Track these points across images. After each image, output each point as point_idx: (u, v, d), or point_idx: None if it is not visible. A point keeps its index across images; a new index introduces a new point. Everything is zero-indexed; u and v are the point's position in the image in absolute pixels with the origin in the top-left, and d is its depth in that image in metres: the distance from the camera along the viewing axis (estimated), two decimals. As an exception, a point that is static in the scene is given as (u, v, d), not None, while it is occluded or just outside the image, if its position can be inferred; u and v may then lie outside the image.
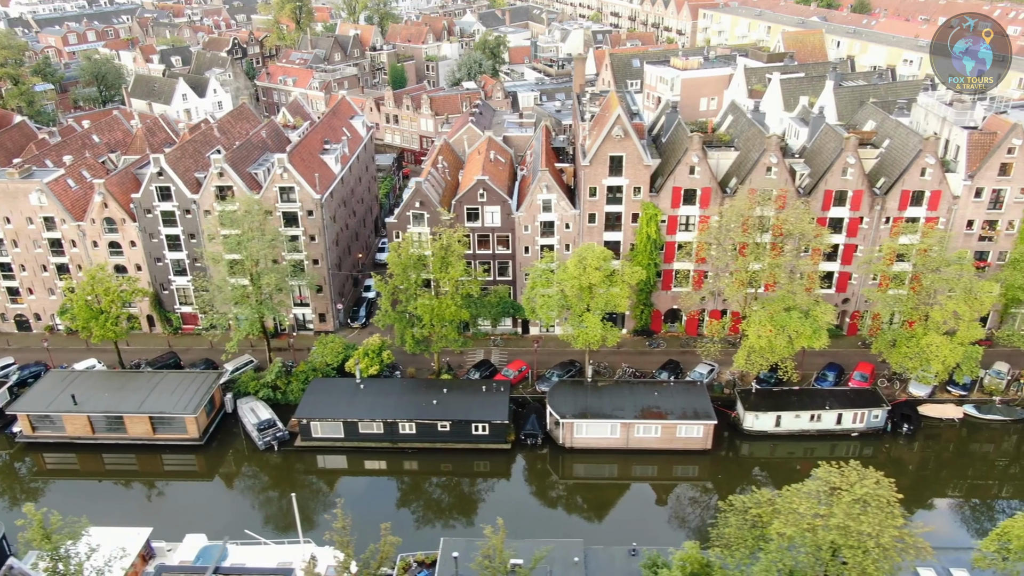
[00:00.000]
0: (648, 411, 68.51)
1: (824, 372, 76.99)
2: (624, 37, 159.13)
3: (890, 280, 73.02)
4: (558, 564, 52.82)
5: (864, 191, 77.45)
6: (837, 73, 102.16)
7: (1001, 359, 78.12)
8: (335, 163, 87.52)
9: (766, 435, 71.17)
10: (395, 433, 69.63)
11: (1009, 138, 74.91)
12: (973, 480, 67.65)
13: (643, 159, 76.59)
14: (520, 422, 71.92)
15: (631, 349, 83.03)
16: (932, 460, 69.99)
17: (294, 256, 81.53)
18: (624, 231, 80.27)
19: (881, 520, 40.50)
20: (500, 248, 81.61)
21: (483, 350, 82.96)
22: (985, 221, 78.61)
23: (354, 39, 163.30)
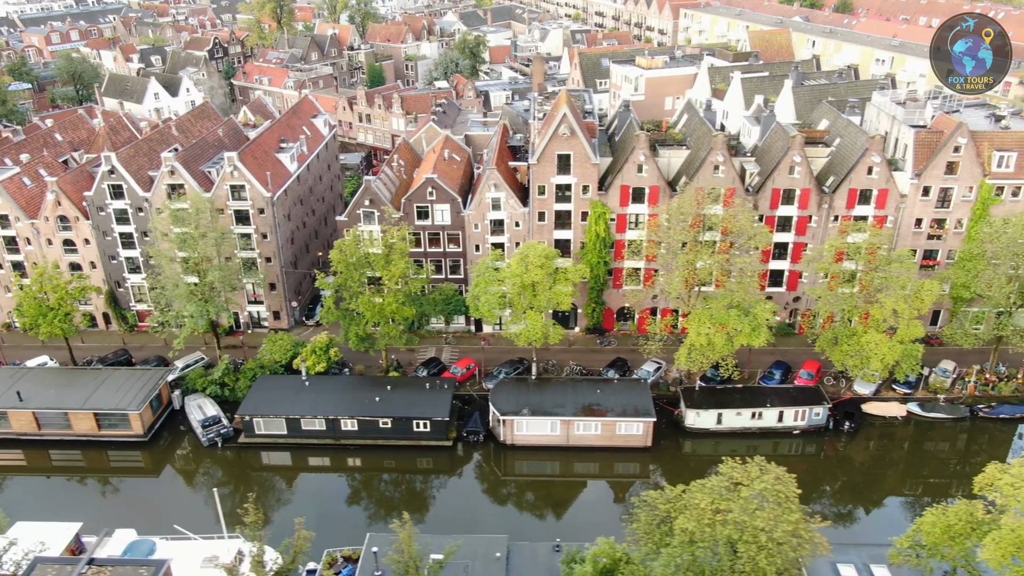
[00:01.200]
0: (588, 409, 68.77)
1: (771, 370, 77.22)
2: (600, 37, 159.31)
3: (839, 278, 73.15)
4: (480, 559, 53.13)
5: (812, 190, 77.64)
6: (799, 72, 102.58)
7: (951, 357, 78.29)
8: (291, 161, 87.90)
9: (708, 432, 71.41)
10: (337, 430, 69.97)
11: (955, 137, 75.05)
12: (907, 477, 67.90)
13: (590, 157, 76.86)
14: (465, 419, 72.23)
15: (583, 347, 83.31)
16: (870, 457, 70.17)
17: (246, 254, 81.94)
18: (574, 229, 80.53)
19: (777, 515, 40.77)
20: (451, 246, 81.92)
21: (435, 348, 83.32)
22: (933, 220, 78.74)
23: (331, 38, 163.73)
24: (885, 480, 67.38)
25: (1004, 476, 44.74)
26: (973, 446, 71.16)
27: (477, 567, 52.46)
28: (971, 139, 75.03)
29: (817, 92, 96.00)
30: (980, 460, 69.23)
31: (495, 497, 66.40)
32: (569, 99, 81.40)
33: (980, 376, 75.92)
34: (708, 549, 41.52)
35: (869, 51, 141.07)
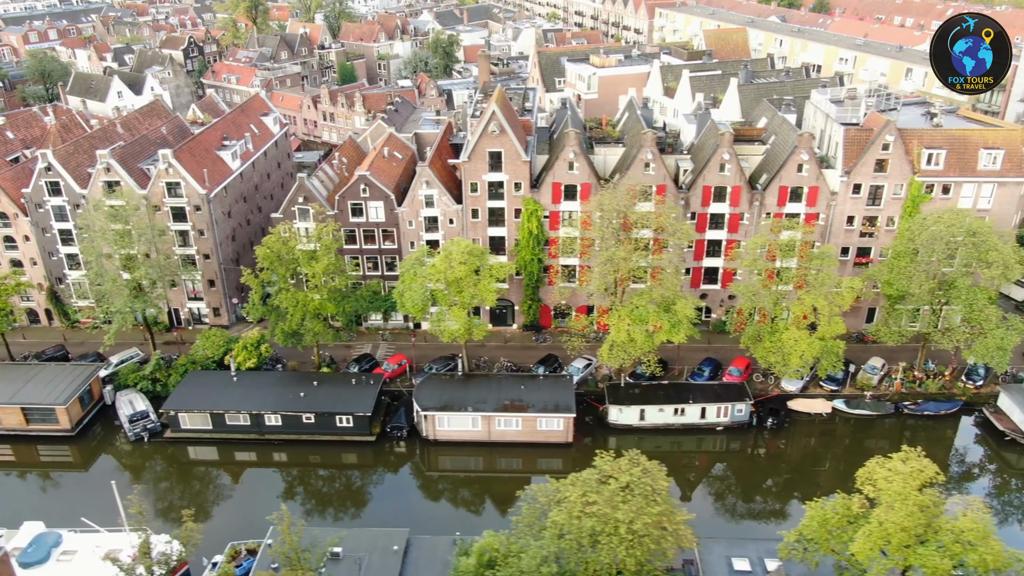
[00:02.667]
0: (509, 405, 69.09)
1: (701, 367, 77.47)
2: (569, 36, 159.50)
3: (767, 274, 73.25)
4: (378, 552, 53.54)
5: (742, 187, 77.87)
6: (748, 71, 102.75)
7: (882, 354, 78.43)
8: (233, 159, 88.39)
9: (631, 429, 71.67)
10: (262, 425, 70.43)
11: (883, 134, 75.22)
12: (820, 473, 68.10)
13: (521, 155, 77.20)
14: (391, 415, 72.65)
15: (519, 344, 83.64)
16: (788, 454, 70.42)
17: (184, 251, 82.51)
18: (508, 226, 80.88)
19: (640, 507, 41.09)
20: (387, 243, 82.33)
21: (371, 344, 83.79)
22: (865, 217, 78.92)
23: (301, 38, 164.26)
24: (798, 475, 67.61)
25: (879, 470, 45.02)
26: (893, 443, 71.13)
27: (374, 559, 52.85)
28: (899, 137, 75.20)
29: (763, 90, 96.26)
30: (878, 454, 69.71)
31: (411, 492, 66.76)
32: (503, 97, 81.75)
33: (908, 373, 76.05)
34: (575, 541, 41.86)
35: (833, 50, 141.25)
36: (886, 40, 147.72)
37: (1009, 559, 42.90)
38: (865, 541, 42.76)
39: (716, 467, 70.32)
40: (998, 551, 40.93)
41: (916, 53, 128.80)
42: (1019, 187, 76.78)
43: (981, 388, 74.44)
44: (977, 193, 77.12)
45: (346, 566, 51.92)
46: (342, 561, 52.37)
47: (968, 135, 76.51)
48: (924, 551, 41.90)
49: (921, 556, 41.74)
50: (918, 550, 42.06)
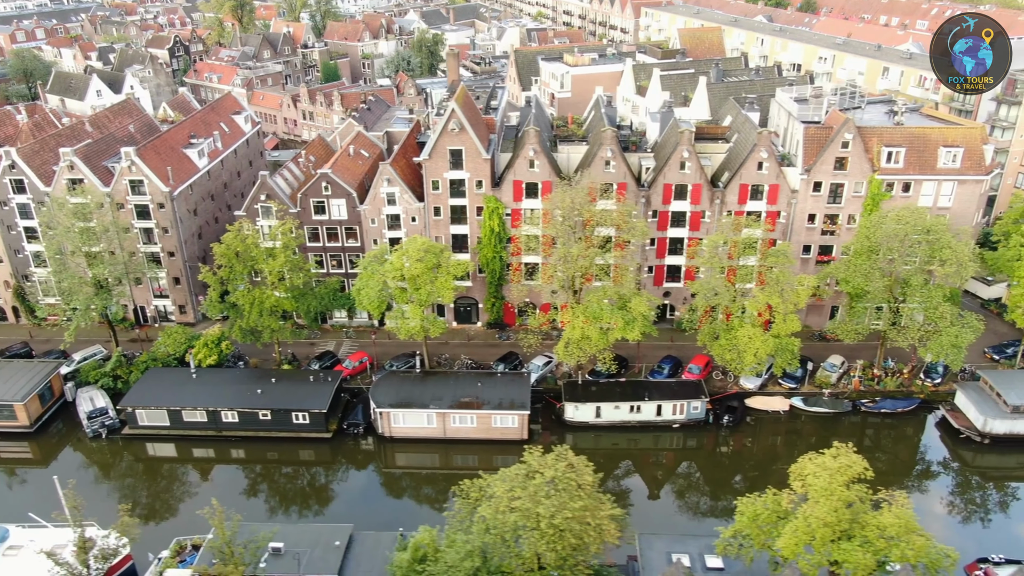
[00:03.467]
0: (464, 401, 69.26)
1: (660, 364, 77.58)
2: (552, 35, 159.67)
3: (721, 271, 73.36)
4: (320, 547, 53.75)
5: (703, 185, 77.95)
6: (719, 69, 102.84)
7: (843, 352, 78.49)
8: (199, 157, 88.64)
9: (588, 426, 71.81)
10: (219, 422, 70.65)
11: (841, 132, 75.29)
12: (771, 469, 67.88)
13: (481, 153, 77.36)
14: (348, 412, 72.88)
15: (481, 342, 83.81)
16: (742, 451, 70.48)
17: (149, 248, 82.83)
18: (470, 224, 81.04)
19: (563, 502, 41.21)
20: (350, 241, 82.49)
21: (335, 341, 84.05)
22: (826, 215, 78.97)
23: (284, 37, 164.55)
24: (749, 472, 67.57)
25: (809, 466, 45.16)
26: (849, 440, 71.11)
27: (315, 555, 53.04)
28: (858, 135, 75.26)
29: (733, 89, 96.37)
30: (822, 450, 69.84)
31: (365, 488, 66.99)
32: (465, 95, 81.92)
33: (868, 371, 76.10)
34: (499, 536, 42.01)
35: (813, 49, 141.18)
36: (869, 39, 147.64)
37: (937, 555, 43.11)
38: (791, 536, 42.89)
39: (669, 464, 70.28)
40: (920, 546, 41.07)
41: (894, 52, 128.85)
42: (979, 185, 76.80)
43: (939, 386, 74.47)
44: (938, 191, 77.16)
45: (286, 561, 52.11)
46: (283, 556, 52.60)
47: (928, 133, 76.58)
48: (848, 546, 42.03)
49: (845, 551, 41.86)
50: (842, 545, 42.17)
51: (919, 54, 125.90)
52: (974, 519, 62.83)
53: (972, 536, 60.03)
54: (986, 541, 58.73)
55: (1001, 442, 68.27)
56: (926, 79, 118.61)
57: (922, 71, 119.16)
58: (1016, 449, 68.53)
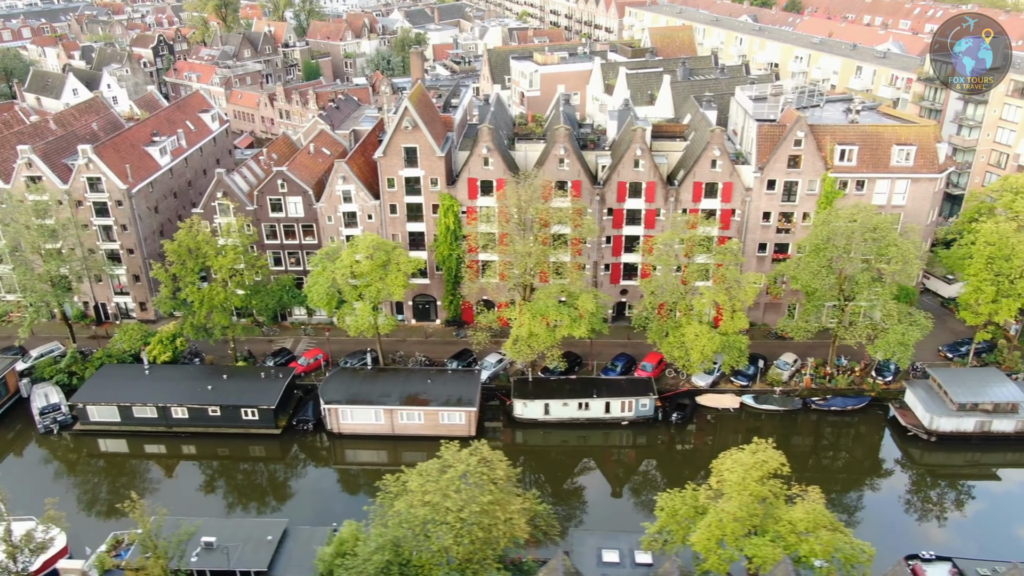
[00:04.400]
0: (412, 398, 69.49)
1: (614, 362, 77.71)
2: (531, 34, 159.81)
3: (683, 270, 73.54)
4: (252, 542, 54.06)
5: (657, 183, 78.07)
6: (686, 68, 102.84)
7: (798, 350, 78.51)
8: (161, 155, 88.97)
9: (537, 423, 71.98)
10: (169, 418, 70.97)
11: (794, 130, 75.35)
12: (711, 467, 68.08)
13: (435, 151, 77.58)
14: (299, 408, 73.15)
15: (439, 339, 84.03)
16: (687, 448, 70.59)
17: (108, 245, 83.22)
18: (426, 222, 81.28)
19: (472, 496, 41.42)
20: (307, 239, 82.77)
21: (293, 338, 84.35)
22: (781, 213, 79.03)
23: (265, 36, 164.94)
24: (691, 469, 67.26)
25: (726, 462, 45.34)
26: (796, 437, 71.50)
27: (247, 549, 53.37)
28: (810, 133, 75.33)
29: (697, 87, 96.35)
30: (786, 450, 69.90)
31: (310, 484, 67.22)
32: (421, 93, 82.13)
33: (821, 369, 76.15)
34: (410, 529, 42.26)
35: (790, 48, 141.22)
36: (850, 39, 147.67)
37: (852, 550, 43.25)
38: (704, 532, 43.06)
39: (614, 461, 70.39)
40: (827, 540, 41.20)
41: (868, 52, 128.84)
42: (933, 183, 76.80)
43: (891, 384, 74.49)
44: (891, 189, 77.18)
45: (217, 555, 52.43)
46: (215, 551, 52.91)
47: (881, 131, 76.61)
48: (758, 541, 42.17)
49: (755, 546, 41.98)
50: (752, 540, 42.30)
51: (895, 53, 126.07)
52: (914, 516, 62.89)
53: (911, 532, 60.17)
54: (924, 538, 58.92)
55: (948, 440, 68.32)
56: (897, 78, 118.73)
57: (894, 70, 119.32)
58: (962, 447, 68.59)
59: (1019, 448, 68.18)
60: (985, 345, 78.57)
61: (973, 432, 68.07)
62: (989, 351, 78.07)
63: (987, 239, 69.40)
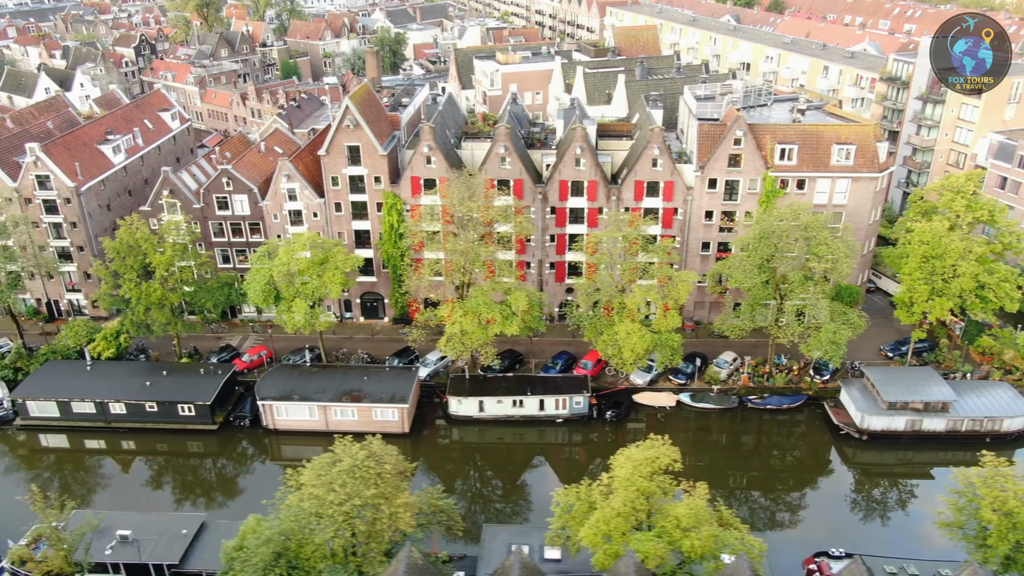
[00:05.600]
0: (345, 394, 69.96)
1: (554, 360, 78.02)
2: (507, 34, 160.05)
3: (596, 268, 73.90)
4: (166, 536, 54.60)
5: (599, 181, 78.35)
6: (644, 67, 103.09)
7: (743, 349, 78.65)
8: (115, 153, 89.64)
9: (472, 420, 72.37)
10: (107, 413, 71.63)
11: (733, 129, 75.54)
12: None
13: (377, 149, 78.03)
14: (236, 405, 73.73)
15: (385, 337, 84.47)
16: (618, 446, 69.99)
17: (59, 243, 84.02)
18: (371, 220, 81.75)
19: (356, 490, 41.85)
20: (255, 236, 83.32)
21: (242, 336, 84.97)
22: (723, 212, 79.22)
23: (242, 36, 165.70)
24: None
25: (619, 457, 45.64)
26: (728, 435, 71.70)
27: (161, 543, 53.91)
28: (749, 132, 75.51)
29: (652, 86, 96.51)
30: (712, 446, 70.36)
31: (239, 479, 67.88)
32: (366, 92, 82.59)
33: (760, 368, 76.30)
34: (297, 522, 42.72)
35: (761, 48, 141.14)
36: (828, 39, 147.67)
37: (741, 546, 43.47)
38: (590, 527, 43.35)
39: (545, 458, 70.51)
40: (706, 536, 41.43)
41: (836, 52, 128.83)
42: (873, 183, 76.88)
43: (828, 383, 74.60)
44: (832, 188, 77.34)
45: (131, 548, 52.95)
46: (130, 544, 53.44)
47: (821, 130, 76.75)
48: (642, 536, 42.41)
49: (639, 541, 42.23)
50: (637, 535, 42.56)
51: (863, 54, 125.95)
52: (838, 513, 62.89)
53: (832, 530, 60.13)
54: (844, 535, 58.89)
55: (879, 438, 68.43)
56: (862, 78, 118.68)
57: (859, 70, 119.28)
58: (893, 445, 68.67)
59: (950, 447, 68.17)
60: (927, 345, 78.63)
61: (904, 431, 68.16)
62: (931, 351, 78.08)
63: (921, 238, 69.46)
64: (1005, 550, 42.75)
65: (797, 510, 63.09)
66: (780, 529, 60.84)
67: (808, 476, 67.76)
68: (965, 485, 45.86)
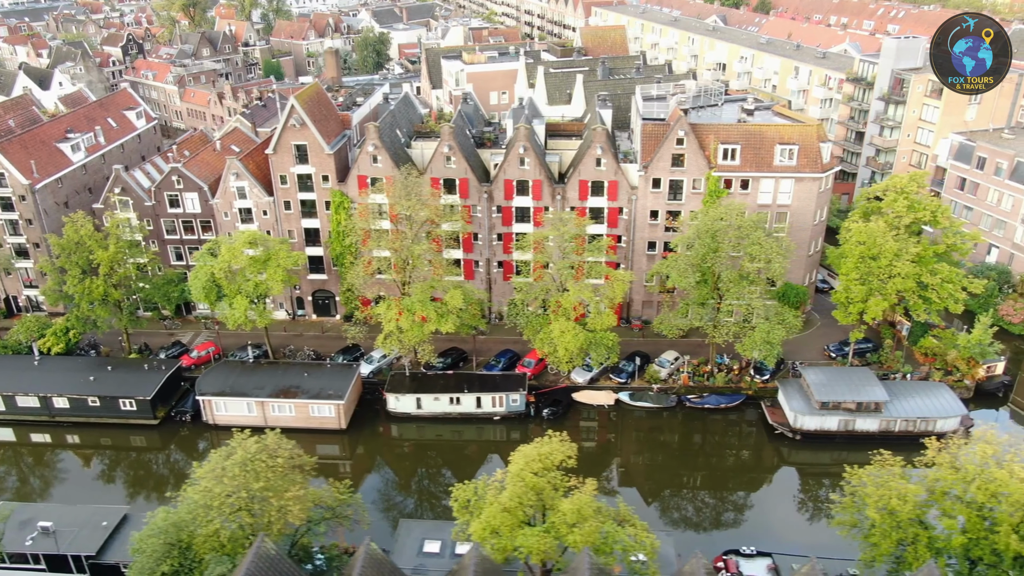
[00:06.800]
0: (283, 391, 70.68)
1: (497, 358, 78.46)
2: (487, 34, 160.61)
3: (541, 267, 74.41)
4: (87, 528, 55.45)
5: (543, 180, 78.74)
6: (605, 67, 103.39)
7: (688, 349, 78.88)
8: (74, 151, 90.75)
9: (410, 417, 72.94)
10: (51, 407, 72.65)
11: (675, 129, 75.78)
12: None
13: (324, 148, 78.74)
14: (179, 400, 74.62)
15: (335, 334, 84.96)
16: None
17: (15, 240, 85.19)
18: (320, 218, 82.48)
19: (245, 482, 42.51)
20: (206, 234, 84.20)
21: (194, 332, 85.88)
22: (668, 212, 79.45)
23: (224, 35, 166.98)
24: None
25: (516, 454, 46.07)
26: (664, 434, 71.96)
27: (82, 534, 54.76)
28: (691, 131, 75.73)
29: (611, 86, 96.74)
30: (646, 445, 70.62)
31: (174, 473, 68.59)
32: (316, 91, 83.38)
33: (702, 367, 76.49)
34: (190, 515, 43.41)
35: (736, 49, 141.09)
36: (809, 39, 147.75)
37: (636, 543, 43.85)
38: (479, 522, 43.79)
39: (477, 455, 70.94)
40: (587, 531, 41.78)
41: (809, 52, 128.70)
42: (817, 183, 76.90)
43: (768, 383, 74.69)
44: (776, 188, 77.44)
45: (50, 540, 53.82)
46: (49, 535, 54.31)
47: (764, 131, 76.87)
48: (529, 531, 42.82)
49: (525, 536, 42.63)
50: (524, 531, 42.97)
51: (833, 54, 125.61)
52: (759, 511, 63.13)
53: (751, 528, 60.37)
54: (766, 533, 59.12)
55: (812, 438, 68.51)
56: (830, 78, 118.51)
57: (828, 71, 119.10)
58: (826, 445, 68.69)
59: (883, 447, 67.76)
60: (872, 346, 78.61)
61: (837, 431, 68.22)
62: (875, 351, 78.04)
63: (857, 238, 69.50)
64: (888, 548, 42.94)
65: (721, 509, 63.35)
66: (700, 527, 61.14)
67: (737, 475, 67.95)
68: (858, 483, 46.08)
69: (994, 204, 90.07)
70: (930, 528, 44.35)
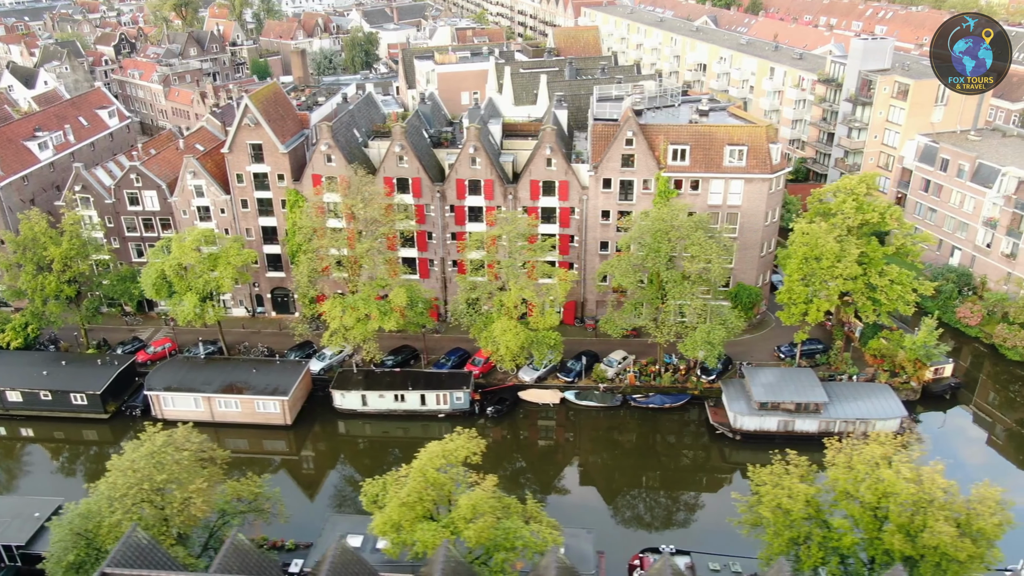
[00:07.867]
0: (230, 386, 71.61)
1: (447, 356, 79.06)
2: (471, 34, 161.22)
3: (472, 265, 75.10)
4: (19, 518, 56.50)
5: (494, 180, 79.28)
6: (572, 68, 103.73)
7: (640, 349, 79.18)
8: (41, 149, 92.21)
9: (356, 413, 73.69)
10: (4, 401, 73.94)
11: (624, 130, 76.10)
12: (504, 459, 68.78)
13: (278, 147, 79.63)
14: (131, 395, 75.73)
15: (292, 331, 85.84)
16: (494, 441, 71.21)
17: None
18: (277, 216, 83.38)
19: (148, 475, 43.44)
20: (166, 232, 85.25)
21: (154, 328, 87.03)
22: (620, 211, 79.77)
23: (212, 35, 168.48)
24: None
25: (422, 451, 46.71)
26: (607, 433, 72.26)
27: (13, 525, 55.85)
28: (640, 132, 76.02)
29: (575, 87, 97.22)
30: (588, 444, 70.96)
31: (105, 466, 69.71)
32: (276, 91, 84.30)
33: (649, 367, 76.77)
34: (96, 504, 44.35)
35: (716, 49, 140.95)
36: (797, 40, 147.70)
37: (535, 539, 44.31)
38: (381, 516, 44.44)
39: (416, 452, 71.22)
40: (480, 527, 42.26)
41: (787, 53, 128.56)
42: (767, 184, 76.97)
43: (715, 383, 74.85)
44: (726, 189, 77.57)
45: (-24, 531, 55.00)
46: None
47: (713, 131, 77.02)
48: (426, 526, 43.37)
49: (422, 531, 43.21)
50: (421, 525, 43.54)
51: (809, 55, 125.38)
52: (689, 511, 63.54)
53: (677, 527, 60.89)
54: (684, 533, 59.65)
55: (752, 438, 68.68)
56: (804, 79, 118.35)
57: (802, 72, 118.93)
58: (766, 445, 68.26)
59: (822, 447, 67.99)
60: (822, 347, 78.63)
61: (777, 431, 68.33)
62: (824, 352, 78.04)
63: (801, 239, 69.59)
64: (780, 547, 43.22)
65: (651, 507, 63.71)
66: (627, 525, 61.50)
67: (673, 474, 68.28)
68: (759, 483, 46.38)
69: (956, 206, 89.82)
70: (832, 528, 44.55)
